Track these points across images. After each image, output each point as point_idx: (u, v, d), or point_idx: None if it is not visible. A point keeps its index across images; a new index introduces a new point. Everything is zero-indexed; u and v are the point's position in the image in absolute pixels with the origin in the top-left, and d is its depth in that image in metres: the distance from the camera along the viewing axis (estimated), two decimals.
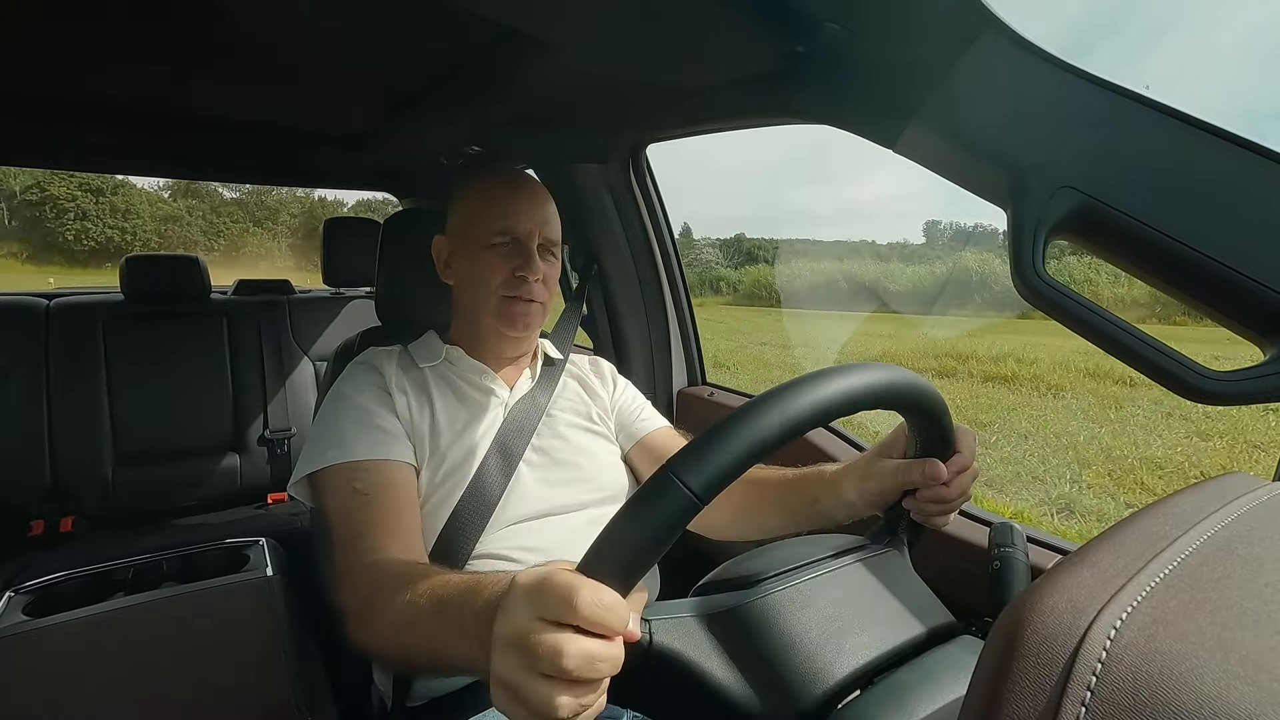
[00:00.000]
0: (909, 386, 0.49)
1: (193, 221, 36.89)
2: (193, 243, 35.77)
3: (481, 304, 0.86)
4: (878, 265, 25.26)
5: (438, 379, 0.88)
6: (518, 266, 0.84)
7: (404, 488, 0.78)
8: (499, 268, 0.84)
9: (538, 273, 0.85)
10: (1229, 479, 0.35)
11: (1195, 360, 0.51)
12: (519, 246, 0.85)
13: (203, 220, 38.01)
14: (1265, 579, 0.25)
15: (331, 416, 0.81)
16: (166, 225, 35.33)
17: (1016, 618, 0.24)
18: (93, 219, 31.63)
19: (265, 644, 0.76)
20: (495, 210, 0.85)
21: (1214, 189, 0.50)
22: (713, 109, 1.02)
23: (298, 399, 1.85)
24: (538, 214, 0.87)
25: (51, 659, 0.72)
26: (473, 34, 0.88)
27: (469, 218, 0.87)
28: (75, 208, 30.66)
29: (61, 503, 1.59)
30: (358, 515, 0.73)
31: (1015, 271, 0.56)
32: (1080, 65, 0.54)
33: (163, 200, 35.72)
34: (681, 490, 0.37)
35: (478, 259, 0.85)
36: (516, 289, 0.84)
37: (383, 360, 0.87)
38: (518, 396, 0.90)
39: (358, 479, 0.75)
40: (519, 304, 0.85)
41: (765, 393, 0.41)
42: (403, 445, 0.80)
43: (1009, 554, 0.55)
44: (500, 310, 0.85)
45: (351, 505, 0.74)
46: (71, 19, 0.87)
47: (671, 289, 1.46)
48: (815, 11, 0.64)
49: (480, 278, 0.85)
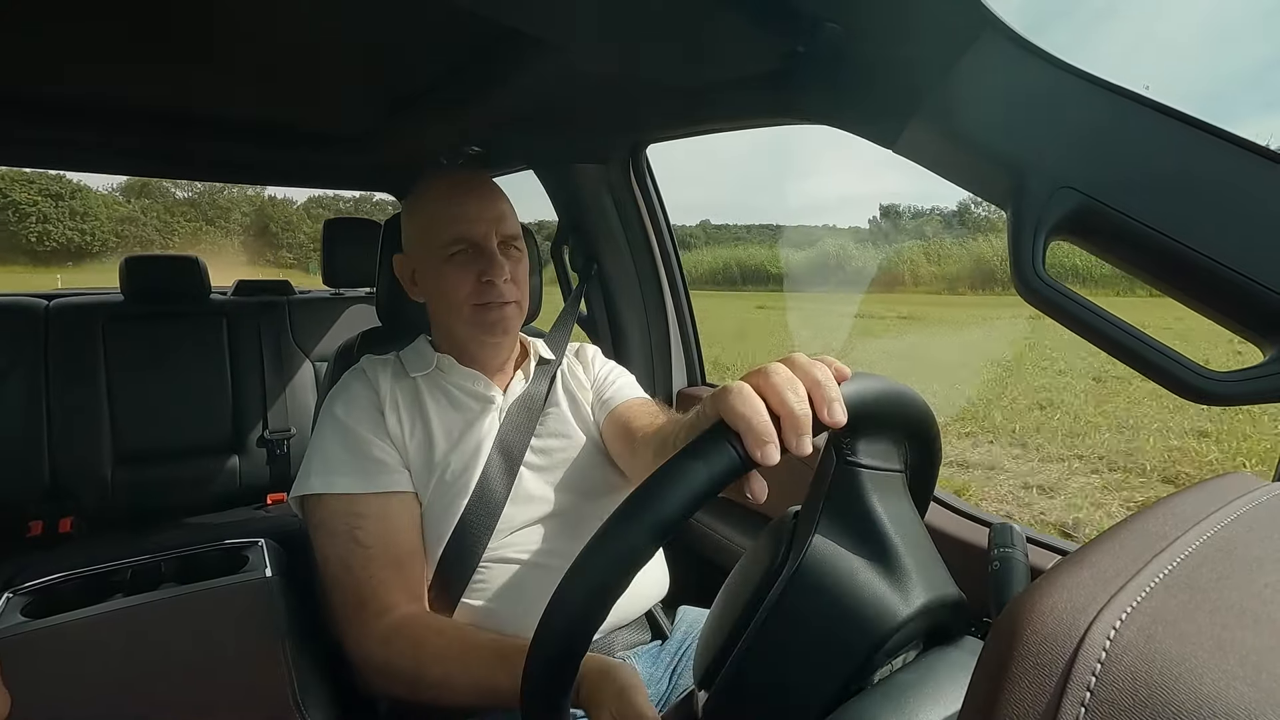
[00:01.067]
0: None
1: (147, 221, 39.17)
2: (149, 241, 37.74)
3: (454, 316, 0.85)
4: (773, 250, 27.93)
5: (431, 387, 0.87)
6: (481, 272, 0.82)
7: (403, 523, 0.79)
8: (463, 278, 0.82)
9: (503, 273, 0.82)
10: (1229, 479, 0.35)
11: (1195, 360, 0.51)
12: (478, 251, 0.82)
13: (157, 220, 40.17)
14: (1265, 579, 0.25)
15: (324, 439, 0.81)
16: (123, 225, 37.70)
17: (1016, 618, 0.24)
18: (53, 222, 33.87)
19: (265, 644, 0.76)
20: (445, 219, 0.82)
21: (1214, 189, 0.50)
22: (713, 109, 1.02)
23: (297, 400, 1.85)
24: (490, 212, 0.84)
25: (50, 660, 0.71)
26: (473, 34, 0.88)
27: (421, 231, 0.85)
28: (37, 211, 33.05)
29: (60, 503, 1.59)
30: (361, 572, 0.74)
31: (1015, 271, 0.56)
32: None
33: (118, 202, 38.06)
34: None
35: (440, 273, 0.83)
36: (486, 295, 0.82)
37: (377, 370, 0.86)
38: (513, 398, 0.89)
39: (359, 526, 0.76)
40: (492, 310, 0.83)
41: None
42: (398, 474, 0.80)
43: (1008, 554, 0.55)
44: (474, 319, 0.84)
45: (353, 559, 0.75)
46: (71, 19, 0.87)
47: (671, 289, 1.46)
48: (815, 11, 0.64)
49: (446, 291, 0.83)
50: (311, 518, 0.79)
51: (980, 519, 0.87)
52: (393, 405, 0.83)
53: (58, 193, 34.16)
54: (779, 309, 17.09)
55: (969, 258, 18.47)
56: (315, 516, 0.78)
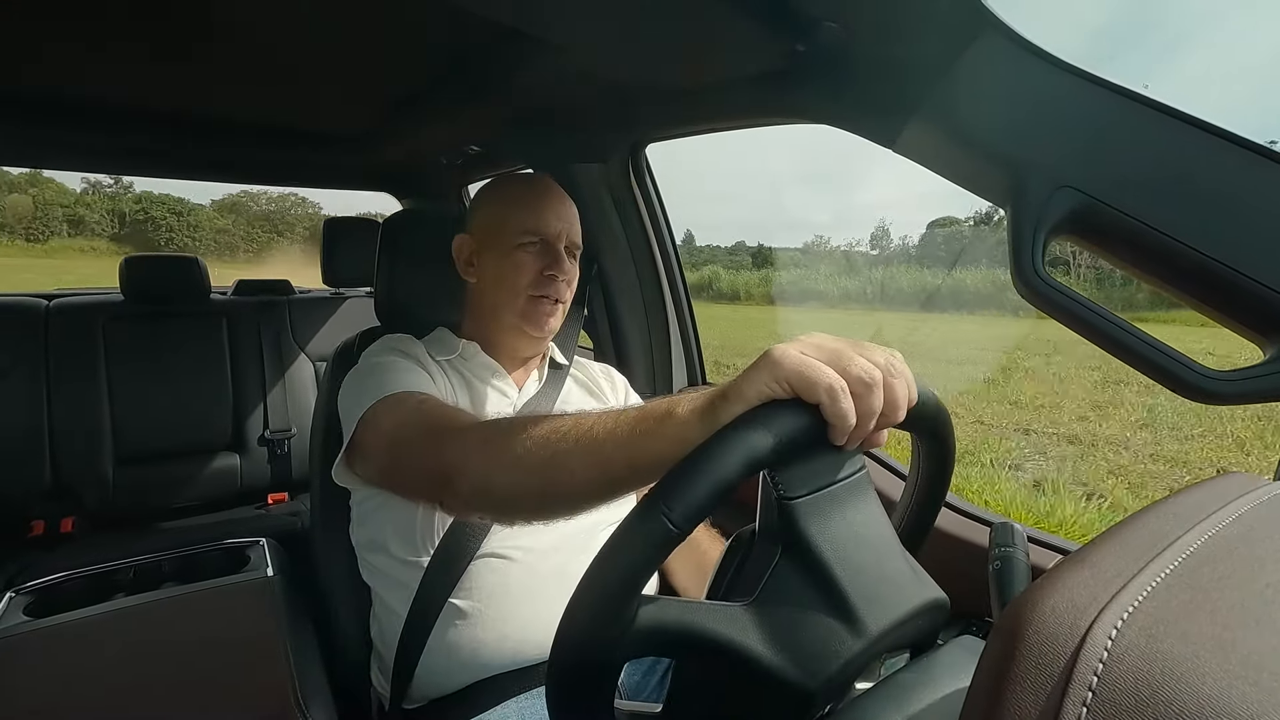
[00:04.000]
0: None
1: (235, 231, 51.25)
2: (236, 246, 50.11)
3: (507, 303, 0.87)
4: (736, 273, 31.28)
5: (452, 372, 0.88)
6: (546, 266, 0.85)
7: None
8: (528, 267, 0.85)
9: (567, 272, 0.87)
10: (1229, 479, 0.35)
11: (1195, 360, 0.51)
12: (548, 247, 0.86)
13: (243, 230, 52.20)
14: (1266, 579, 0.25)
15: (366, 379, 0.78)
16: (219, 235, 50.05)
17: (1017, 618, 0.24)
18: (176, 232, 46.34)
19: (265, 644, 0.76)
20: (526, 211, 0.86)
21: (1214, 189, 0.50)
22: (713, 109, 1.02)
23: (297, 399, 1.85)
24: (566, 216, 0.89)
25: (52, 660, 0.72)
26: (473, 34, 0.88)
27: (498, 217, 0.88)
28: (165, 224, 46.30)
29: (62, 503, 1.59)
30: (430, 414, 0.70)
31: (1015, 271, 0.56)
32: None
33: (215, 216, 51.12)
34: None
35: (507, 258, 0.86)
36: (545, 288, 0.86)
37: (407, 344, 0.88)
38: (525, 398, 0.90)
39: (424, 401, 0.72)
40: (546, 304, 0.87)
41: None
42: (437, 392, 0.79)
43: (1009, 554, 0.55)
44: (526, 310, 0.86)
45: (420, 406, 0.71)
46: (71, 19, 0.87)
47: (671, 290, 1.46)
48: (815, 11, 0.64)
49: (508, 276, 0.86)
50: (374, 425, 0.72)
51: (981, 518, 0.87)
52: (433, 368, 0.85)
53: (179, 211, 47.51)
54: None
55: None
56: (378, 416, 0.72)
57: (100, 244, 39.95)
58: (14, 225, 39.39)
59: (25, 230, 39.36)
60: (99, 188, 43.96)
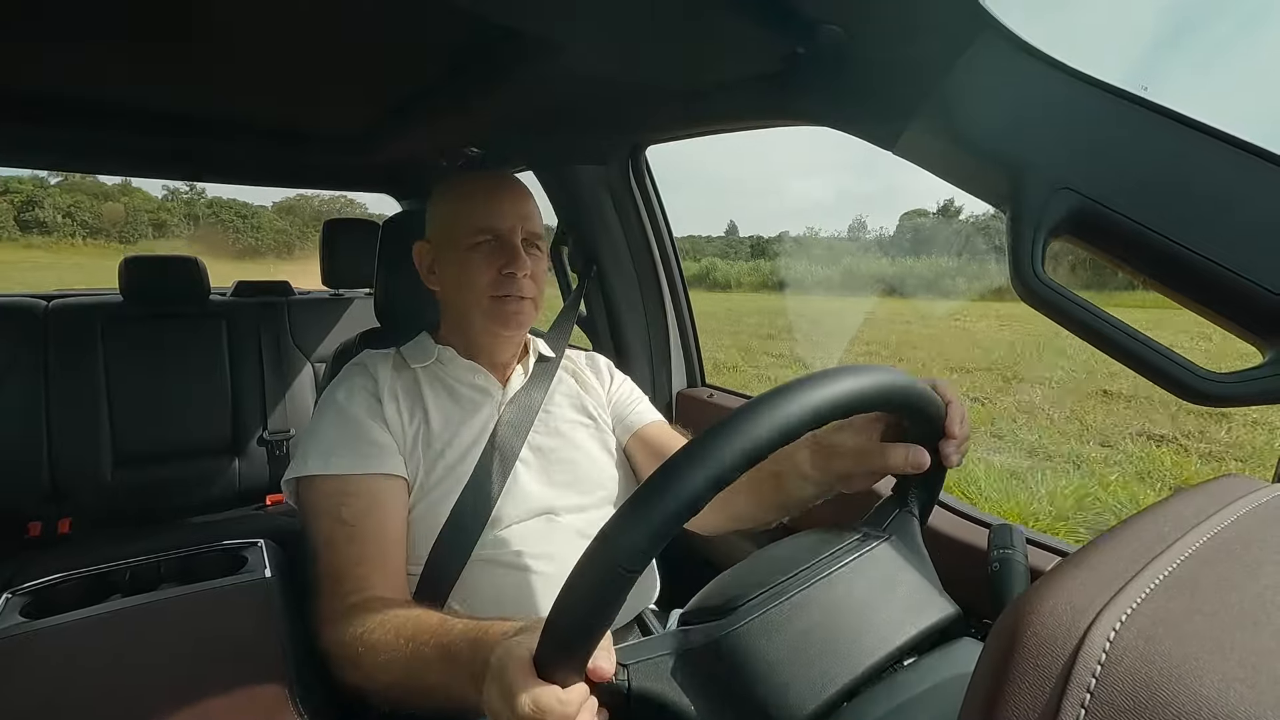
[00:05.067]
0: (886, 387, 0.47)
1: (292, 231, 55.30)
2: (292, 245, 54.05)
3: (472, 306, 0.85)
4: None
5: (430, 379, 0.87)
6: (504, 264, 0.83)
7: (390, 508, 0.78)
8: (485, 267, 0.83)
9: (525, 268, 0.84)
10: (1228, 481, 0.35)
11: (1193, 361, 0.51)
12: (503, 244, 0.84)
13: (298, 230, 56.00)
14: (1264, 581, 0.25)
15: (322, 423, 0.81)
16: (278, 235, 54.48)
17: (1016, 619, 0.24)
18: (242, 232, 52.29)
19: (263, 645, 0.76)
20: (476, 209, 0.84)
21: (1212, 190, 0.50)
22: (712, 110, 1.02)
23: (296, 401, 1.85)
24: (519, 209, 0.86)
25: (49, 661, 0.71)
26: (473, 34, 0.88)
27: (449, 219, 0.86)
28: (232, 225, 52.46)
29: (59, 504, 1.59)
30: (343, 550, 0.73)
31: (1014, 272, 0.56)
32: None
33: (275, 218, 55.71)
34: (611, 564, 0.37)
35: (462, 261, 0.84)
36: (506, 288, 0.84)
37: (377, 363, 0.87)
38: (511, 394, 0.89)
39: (345, 504, 0.75)
40: (510, 302, 0.84)
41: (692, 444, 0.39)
42: (393, 458, 0.80)
43: (1008, 556, 0.55)
44: (491, 311, 0.85)
45: (336, 536, 0.74)
46: (70, 19, 0.87)
47: (671, 290, 1.46)
48: (815, 13, 0.64)
49: (467, 280, 0.84)
50: (304, 501, 0.79)
51: (980, 520, 0.87)
52: (391, 395, 0.83)
53: (244, 214, 53.36)
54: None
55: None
56: (307, 499, 0.78)
57: (179, 244, 46.94)
58: (109, 229, 44.85)
59: (119, 234, 45.22)
60: (177, 195, 50.88)
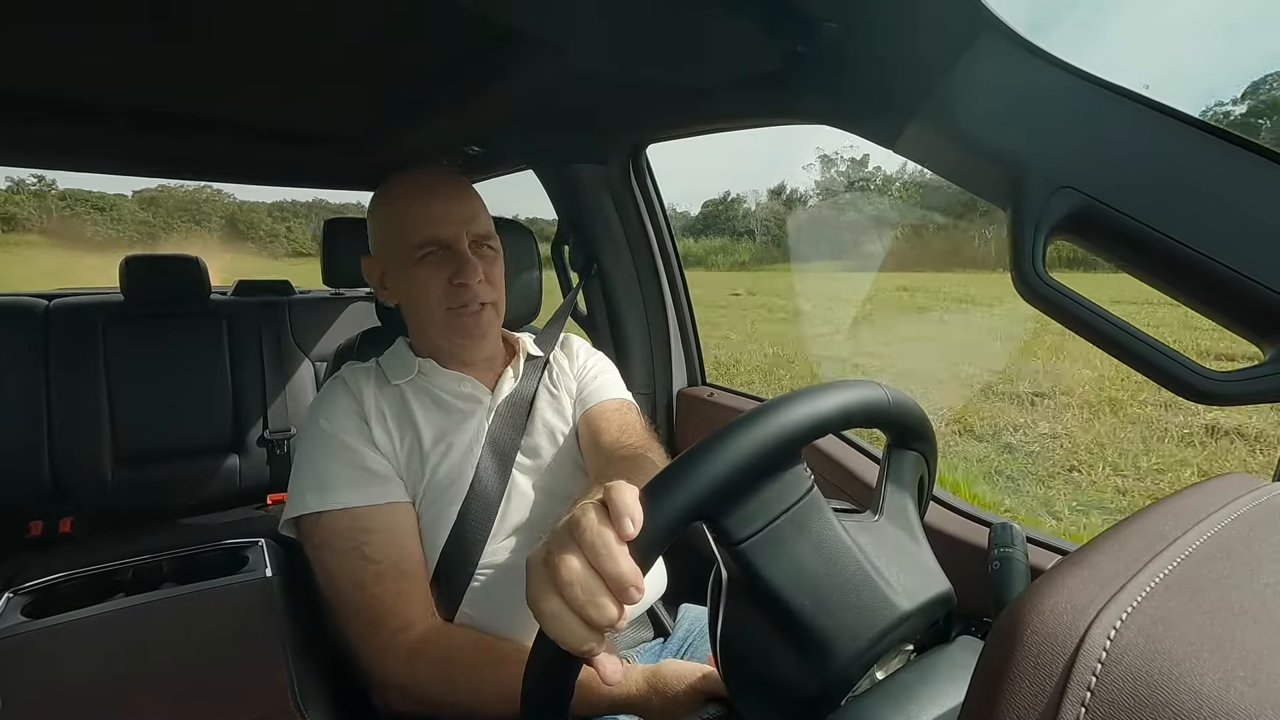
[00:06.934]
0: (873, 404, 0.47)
1: (156, 222, 55.05)
2: (157, 237, 52.83)
3: (429, 321, 0.82)
4: None
5: (417, 392, 0.84)
6: (453, 275, 0.79)
7: (408, 535, 0.76)
8: (434, 281, 0.79)
9: (476, 275, 0.79)
10: (1229, 479, 0.35)
11: (1195, 360, 0.51)
12: (449, 252, 0.79)
13: (163, 221, 55.64)
14: (1265, 579, 0.25)
15: (313, 455, 0.77)
16: (141, 226, 54.64)
17: (1016, 618, 0.24)
18: (100, 225, 50.03)
19: (265, 644, 0.76)
20: (415, 219, 0.79)
21: (1214, 189, 0.50)
22: (712, 109, 1.02)
23: (297, 400, 1.85)
24: (460, 212, 0.80)
25: (50, 660, 0.71)
26: (473, 34, 0.88)
27: (389, 233, 0.82)
28: (90, 219, 50.05)
29: (61, 503, 1.59)
30: (374, 588, 0.71)
31: (1015, 271, 0.56)
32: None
33: (137, 209, 54.78)
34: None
35: (410, 276, 0.80)
36: (460, 298, 0.80)
37: (359, 380, 0.84)
38: (501, 397, 0.87)
39: (366, 541, 0.72)
40: (467, 314, 0.81)
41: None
42: (395, 485, 0.78)
43: (1008, 554, 0.55)
44: (449, 324, 0.81)
45: (364, 576, 0.71)
46: (70, 19, 0.87)
47: (671, 289, 1.46)
48: (815, 11, 0.64)
49: (418, 295, 0.80)
50: (312, 539, 0.75)
51: (980, 518, 0.87)
52: (378, 416, 0.80)
53: (101, 206, 51.99)
54: None
55: None
56: (316, 537, 0.74)
57: (33, 238, 42.63)
58: None
59: None
60: (24, 186, 45.95)
